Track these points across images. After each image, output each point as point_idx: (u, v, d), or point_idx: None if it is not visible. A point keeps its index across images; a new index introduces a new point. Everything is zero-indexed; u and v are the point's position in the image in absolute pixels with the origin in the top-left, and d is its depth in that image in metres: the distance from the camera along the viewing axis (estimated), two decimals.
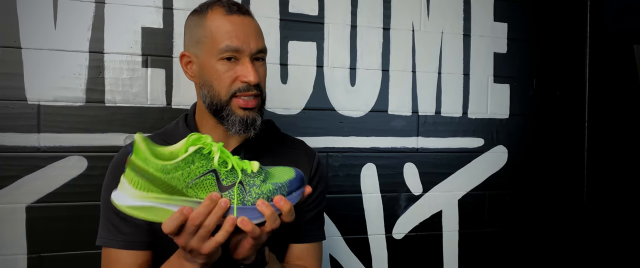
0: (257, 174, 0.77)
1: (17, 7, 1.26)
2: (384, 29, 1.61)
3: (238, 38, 0.93)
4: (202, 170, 0.72)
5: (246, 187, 0.75)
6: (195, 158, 0.72)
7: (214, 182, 0.73)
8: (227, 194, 0.74)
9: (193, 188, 0.72)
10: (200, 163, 0.72)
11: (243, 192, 0.75)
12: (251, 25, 0.96)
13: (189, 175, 0.71)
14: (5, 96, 1.25)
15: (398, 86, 1.63)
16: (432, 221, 1.68)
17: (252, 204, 0.75)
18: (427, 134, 1.67)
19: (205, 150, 0.73)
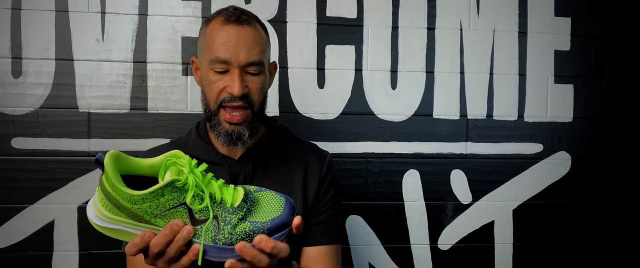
0: (236, 210, 0.70)
1: (70, 22, 1.36)
2: (429, 29, 1.53)
3: (228, 50, 0.92)
4: (172, 203, 0.68)
5: (221, 223, 0.70)
6: (165, 191, 0.67)
7: (186, 214, 0.69)
8: (199, 229, 0.69)
9: (162, 218, 0.68)
10: (171, 196, 0.68)
11: (216, 229, 0.69)
12: (247, 35, 0.94)
13: (158, 208, 0.67)
14: (60, 105, 1.36)
15: (444, 89, 1.54)
16: (482, 232, 1.57)
17: (224, 244, 0.69)
18: (477, 139, 1.56)
19: (179, 183, 0.67)
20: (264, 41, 0.99)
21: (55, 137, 1.36)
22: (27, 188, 1.35)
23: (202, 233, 0.69)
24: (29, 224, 1.35)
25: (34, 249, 1.35)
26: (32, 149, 1.34)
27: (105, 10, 1.37)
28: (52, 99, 1.35)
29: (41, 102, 1.35)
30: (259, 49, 0.95)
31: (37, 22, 1.34)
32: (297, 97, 1.46)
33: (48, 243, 1.35)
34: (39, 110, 1.35)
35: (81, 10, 1.36)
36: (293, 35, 1.46)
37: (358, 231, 1.51)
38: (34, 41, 1.34)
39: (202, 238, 0.69)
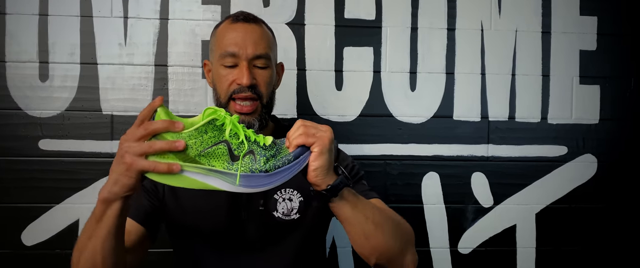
0: (268, 148, 0.78)
1: (94, 27, 1.40)
2: (449, 30, 1.51)
3: (236, 44, 0.98)
4: (214, 140, 0.75)
5: (257, 156, 0.77)
6: (208, 128, 0.75)
7: (226, 151, 0.76)
8: (238, 162, 0.76)
9: (205, 157, 0.74)
10: (213, 133, 0.75)
11: (253, 161, 0.77)
12: (254, 31, 1.00)
13: (202, 144, 0.74)
14: (84, 107, 1.40)
15: (465, 90, 1.52)
16: (504, 236, 1.54)
17: (260, 172, 0.76)
18: (499, 141, 1.53)
19: (218, 122, 0.76)
20: (270, 38, 1.04)
21: (80, 138, 1.40)
22: (54, 188, 1.39)
23: (239, 164, 0.76)
24: (55, 223, 1.39)
25: (59, 247, 1.39)
26: (58, 150, 1.39)
27: (128, 15, 1.40)
28: (77, 102, 1.39)
29: (67, 105, 1.39)
30: (266, 44, 1.01)
31: (63, 28, 1.39)
32: (315, 99, 1.47)
33: (73, 242, 1.38)
34: (65, 113, 1.39)
35: (104, 15, 1.40)
36: (311, 38, 1.46)
37: None
38: (60, 46, 1.39)
39: (239, 168, 0.76)
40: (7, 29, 1.37)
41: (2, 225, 1.38)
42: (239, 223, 0.99)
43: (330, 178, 0.80)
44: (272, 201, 1.00)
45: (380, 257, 0.87)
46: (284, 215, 1.00)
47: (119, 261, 0.81)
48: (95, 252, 0.78)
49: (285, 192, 1.01)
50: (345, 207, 0.83)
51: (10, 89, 1.37)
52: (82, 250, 0.80)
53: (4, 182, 1.38)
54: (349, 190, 0.84)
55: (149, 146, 0.71)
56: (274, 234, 1.00)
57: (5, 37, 1.37)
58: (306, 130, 0.78)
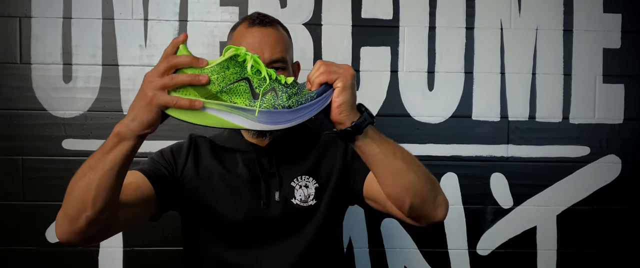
0: (290, 86, 0.79)
1: (116, 29, 1.43)
2: (467, 29, 1.50)
3: (253, 49, 0.97)
4: (235, 77, 0.75)
5: (278, 92, 0.77)
6: (230, 64, 0.74)
7: (248, 88, 0.76)
8: (260, 100, 0.76)
9: (227, 94, 0.74)
10: (234, 69, 0.75)
11: (275, 98, 0.77)
12: (270, 35, 1.00)
13: (224, 80, 0.74)
14: (106, 108, 1.43)
15: (484, 89, 1.50)
16: (524, 238, 1.52)
17: (282, 108, 0.77)
18: (519, 142, 1.51)
19: (239, 58, 0.76)
20: (286, 40, 1.05)
21: (102, 138, 1.41)
22: None
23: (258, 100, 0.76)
24: None
25: None
26: (81, 150, 1.42)
27: (148, 17, 1.43)
28: (99, 103, 1.42)
29: (89, 106, 1.42)
30: (282, 47, 1.01)
31: (86, 30, 1.42)
32: None
33: None
34: (87, 113, 1.42)
35: (125, 17, 1.43)
36: (328, 38, 1.46)
37: (393, 234, 1.49)
38: (82, 48, 1.42)
39: (257, 104, 0.76)
40: (33, 32, 1.41)
41: (28, 223, 1.42)
42: (259, 212, 1.01)
43: (354, 115, 0.80)
44: (289, 189, 1.02)
45: (414, 197, 0.85)
46: (302, 202, 1.02)
47: (110, 204, 0.78)
48: (90, 185, 0.75)
49: (301, 179, 1.03)
50: (372, 145, 0.82)
51: (35, 90, 1.41)
52: (78, 179, 0.77)
53: (30, 180, 1.42)
54: (373, 128, 0.83)
55: (171, 79, 0.71)
56: (292, 221, 1.02)
57: (31, 40, 1.41)
58: (327, 67, 0.79)
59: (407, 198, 0.85)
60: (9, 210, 1.42)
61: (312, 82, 0.79)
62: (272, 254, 1.01)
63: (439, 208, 0.89)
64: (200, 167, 1.04)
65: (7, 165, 1.41)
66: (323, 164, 1.06)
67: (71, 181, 0.79)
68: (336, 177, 1.05)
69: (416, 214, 0.88)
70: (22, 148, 1.41)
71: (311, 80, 0.80)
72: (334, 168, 1.05)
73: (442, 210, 0.90)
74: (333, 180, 1.05)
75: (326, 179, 1.05)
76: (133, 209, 0.88)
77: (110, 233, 0.85)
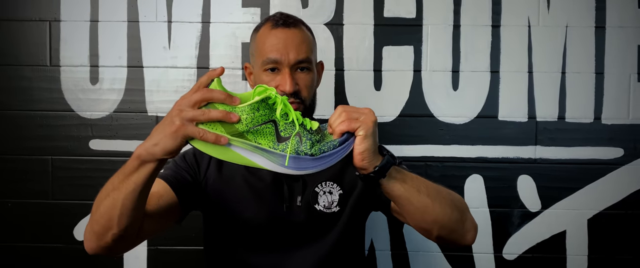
0: (314, 133, 0.80)
1: (140, 32, 1.45)
2: (493, 27, 1.46)
3: (278, 50, 0.98)
4: (264, 119, 0.76)
5: (303, 138, 0.78)
6: (260, 106, 0.75)
7: (273, 131, 0.77)
8: (284, 144, 0.77)
9: (253, 134, 0.75)
10: (264, 112, 0.76)
11: (298, 143, 0.78)
12: (294, 36, 1.00)
13: (252, 121, 0.74)
14: (131, 109, 1.45)
15: (511, 89, 1.46)
16: (553, 242, 1.47)
17: (304, 154, 0.77)
18: (548, 143, 1.46)
19: (270, 100, 0.77)
20: (310, 40, 1.04)
21: (127, 139, 1.45)
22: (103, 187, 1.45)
23: (289, 145, 0.77)
24: None
25: None
26: (107, 150, 1.45)
27: (172, 19, 1.45)
28: (124, 104, 1.45)
29: (115, 107, 1.45)
30: (306, 48, 1.01)
31: (112, 33, 1.45)
32: (354, 100, 1.45)
33: None
34: (113, 114, 1.45)
35: (150, 20, 1.45)
36: (349, 38, 1.45)
37: (417, 237, 1.47)
38: (109, 50, 1.45)
39: (289, 149, 0.77)
40: (62, 35, 1.45)
41: (56, 221, 1.46)
42: (281, 215, 1.00)
43: (377, 159, 0.80)
44: (313, 194, 1.01)
45: (441, 229, 0.86)
46: (325, 208, 1.01)
47: (135, 222, 0.80)
48: (115, 204, 0.77)
49: (325, 185, 1.02)
50: (396, 185, 0.82)
51: (64, 92, 1.45)
52: (103, 198, 0.80)
53: (58, 180, 1.46)
54: (396, 169, 0.83)
55: (203, 113, 0.72)
56: (315, 227, 1.01)
57: (60, 43, 1.45)
58: (348, 115, 0.79)
59: (435, 230, 0.86)
60: (39, 209, 1.46)
61: (334, 131, 0.79)
62: (293, 259, 1.01)
63: (468, 233, 0.89)
64: (223, 168, 1.05)
65: (38, 164, 1.46)
66: (348, 171, 1.05)
67: (97, 198, 0.82)
68: (361, 185, 1.04)
69: (444, 241, 0.90)
70: (51, 149, 1.46)
71: (332, 128, 0.80)
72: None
73: (471, 235, 0.90)
74: (358, 188, 1.04)
75: (350, 186, 1.04)
76: (158, 218, 0.91)
77: (137, 243, 0.88)
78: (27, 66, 1.45)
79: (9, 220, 1.47)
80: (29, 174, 1.46)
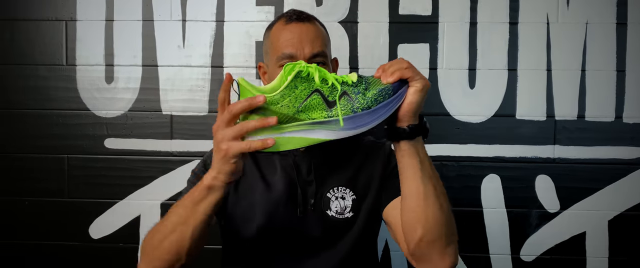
0: (357, 83, 0.77)
1: (155, 31, 1.46)
2: (511, 24, 1.43)
3: (293, 45, 0.97)
4: (306, 93, 0.74)
5: (352, 95, 0.76)
6: (297, 82, 0.74)
7: (321, 100, 0.75)
8: (336, 109, 0.75)
9: (304, 112, 0.74)
10: (303, 86, 0.74)
11: (350, 101, 0.75)
12: (309, 31, 0.99)
13: (297, 100, 0.73)
14: (145, 108, 1.46)
15: (529, 87, 1.43)
16: (572, 244, 1.44)
17: (362, 110, 0.75)
18: (567, 142, 1.43)
19: (303, 73, 0.75)
20: (325, 35, 1.03)
21: (142, 138, 1.46)
22: (118, 185, 1.46)
23: (338, 109, 0.75)
24: (119, 218, 1.46)
25: (122, 241, 1.46)
26: (122, 149, 1.46)
27: (186, 18, 1.45)
28: (139, 103, 1.46)
29: (130, 106, 1.46)
30: (321, 42, 1.00)
31: (127, 32, 1.45)
32: None
33: (135, 237, 1.46)
34: (128, 113, 1.46)
35: (164, 19, 1.45)
36: (364, 35, 1.44)
37: None
38: (124, 49, 1.46)
39: (339, 112, 0.75)
40: (78, 35, 1.46)
41: (72, 219, 1.47)
42: (295, 221, 0.99)
43: (415, 120, 0.80)
44: (325, 199, 0.99)
45: (427, 231, 0.81)
46: (338, 214, 0.99)
47: (200, 247, 0.84)
48: (184, 237, 0.80)
49: (337, 190, 0.99)
50: (414, 155, 0.81)
51: (79, 91, 1.46)
52: (167, 234, 0.81)
53: (74, 178, 1.47)
54: (422, 143, 0.82)
55: (241, 128, 0.71)
56: (328, 233, 0.98)
57: (76, 42, 1.46)
58: (409, 64, 0.78)
59: (420, 228, 0.81)
60: (55, 207, 1.47)
61: (392, 74, 0.77)
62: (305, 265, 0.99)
63: (447, 257, 0.83)
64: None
65: (54, 163, 1.47)
66: (361, 175, 1.02)
67: (152, 238, 0.84)
68: (375, 190, 1.01)
69: (421, 253, 0.83)
70: (67, 147, 1.47)
71: (389, 72, 0.78)
72: (373, 180, 1.01)
73: (448, 262, 0.83)
74: (371, 193, 1.01)
75: (364, 191, 1.01)
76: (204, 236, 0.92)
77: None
78: (43, 66, 1.47)
79: (26, 218, 1.48)
80: (45, 172, 1.47)
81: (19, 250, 1.49)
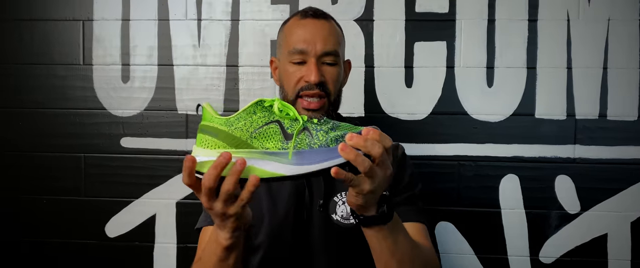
0: (323, 123, 0.74)
1: (171, 30, 1.46)
2: (530, 21, 1.40)
3: (305, 40, 0.96)
4: (264, 120, 0.72)
5: (312, 131, 0.72)
6: (256, 109, 0.72)
7: (279, 130, 0.72)
8: (293, 141, 0.71)
9: (257, 139, 0.71)
10: (262, 114, 0.72)
11: (309, 137, 0.71)
12: (323, 27, 0.98)
13: (252, 125, 0.71)
14: (161, 107, 1.46)
15: (548, 85, 1.40)
16: (593, 246, 1.40)
17: (319, 146, 0.70)
18: (588, 142, 1.40)
19: (266, 103, 0.73)
20: (339, 34, 1.02)
21: (157, 137, 1.46)
22: (133, 184, 1.47)
23: (291, 143, 0.71)
24: (135, 217, 1.47)
25: (138, 240, 1.47)
26: (138, 148, 1.46)
27: (201, 18, 1.45)
28: (155, 102, 1.46)
29: (145, 105, 1.46)
30: (335, 40, 0.99)
31: (142, 31, 1.46)
32: (384, 97, 1.42)
33: (150, 235, 1.47)
34: (144, 113, 1.46)
35: (180, 18, 1.45)
36: (380, 34, 1.42)
37: (448, 238, 1.42)
38: (139, 49, 1.46)
39: (291, 147, 0.71)
40: (94, 34, 1.47)
41: (89, 217, 1.48)
42: (300, 224, 0.98)
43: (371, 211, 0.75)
44: (332, 203, 0.98)
45: None
46: (343, 219, 0.97)
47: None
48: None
49: (344, 195, 0.98)
50: (373, 238, 0.78)
51: (96, 90, 1.47)
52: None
53: (91, 177, 1.48)
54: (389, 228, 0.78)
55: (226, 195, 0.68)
56: (331, 238, 0.97)
57: (93, 42, 1.47)
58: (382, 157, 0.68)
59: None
60: (72, 205, 1.48)
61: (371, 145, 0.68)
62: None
63: None
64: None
65: (71, 161, 1.48)
66: None
67: None
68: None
69: None
70: (83, 146, 1.48)
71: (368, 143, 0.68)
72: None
73: None
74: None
75: None
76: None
77: None
78: (61, 65, 1.48)
79: (44, 217, 1.49)
80: (62, 171, 1.48)
81: (37, 249, 1.50)
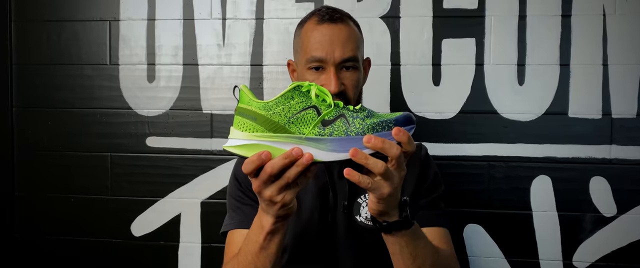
0: (359, 110, 0.74)
1: (196, 29, 1.46)
2: (563, 16, 1.35)
3: (323, 48, 0.93)
4: (302, 106, 0.73)
5: (349, 119, 0.73)
6: (294, 94, 0.73)
7: (316, 116, 0.73)
8: (330, 128, 0.72)
9: (295, 124, 0.72)
10: (299, 99, 0.73)
11: (346, 124, 0.72)
12: (341, 33, 0.95)
13: (290, 110, 0.72)
14: (186, 107, 1.46)
15: (582, 83, 1.35)
16: (630, 250, 1.35)
17: (356, 134, 0.72)
18: (625, 142, 1.34)
19: (303, 88, 0.74)
20: (357, 37, 0.99)
21: (182, 136, 1.46)
22: (159, 183, 1.47)
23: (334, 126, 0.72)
24: (160, 216, 1.47)
25: (163, 239, 1.47)
26: (163, 147, 1.47)
27: (226, 17, 1.44)
28: (180, 101, 1.46)
29: (171, 104, 1.46)
30: (353, 45, 0.96)
31: (168, 31, 1.46)
32: (410, 96, 1.39)
33: (175, 235, 1.47)
34: (169, 112, 1.47)
35: (204, 17, 1.45)
36: (406, 31, 1.39)
37: (478, 241, 1.39)
38: (165, 48, 1.46)
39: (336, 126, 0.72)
40: (121, 34, 1.48)
41: (115, 216, 1.49)
42: (325, 226, 0.96)
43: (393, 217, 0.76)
44: (356, 205, 0.96)
45: None
46: (367, 220, 0.96)
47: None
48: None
49: (368, 196, 0.96)
50: (394, 244, 0.79)
51: (122, 90, 1.48)
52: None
53: (117, 176, 1.49)
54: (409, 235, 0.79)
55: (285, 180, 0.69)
56: (356, 239, 0.96)
57: (119, 41, 1.48)
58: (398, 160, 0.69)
59: None
60: (99, 204, 1.50)
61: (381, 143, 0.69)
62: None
63: None
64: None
65: (98, 161, 1.49)
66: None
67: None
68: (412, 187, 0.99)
69: None
70: (110, 146, 1.49)
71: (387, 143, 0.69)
72: (405, 189, 0.98)
73: None
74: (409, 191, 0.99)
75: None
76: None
77: None
78: (88, 65, 1.49)
79: (72, 216, 1.51)
80: (89, 170, 1.50)
81: (65, 247, 1.52)
